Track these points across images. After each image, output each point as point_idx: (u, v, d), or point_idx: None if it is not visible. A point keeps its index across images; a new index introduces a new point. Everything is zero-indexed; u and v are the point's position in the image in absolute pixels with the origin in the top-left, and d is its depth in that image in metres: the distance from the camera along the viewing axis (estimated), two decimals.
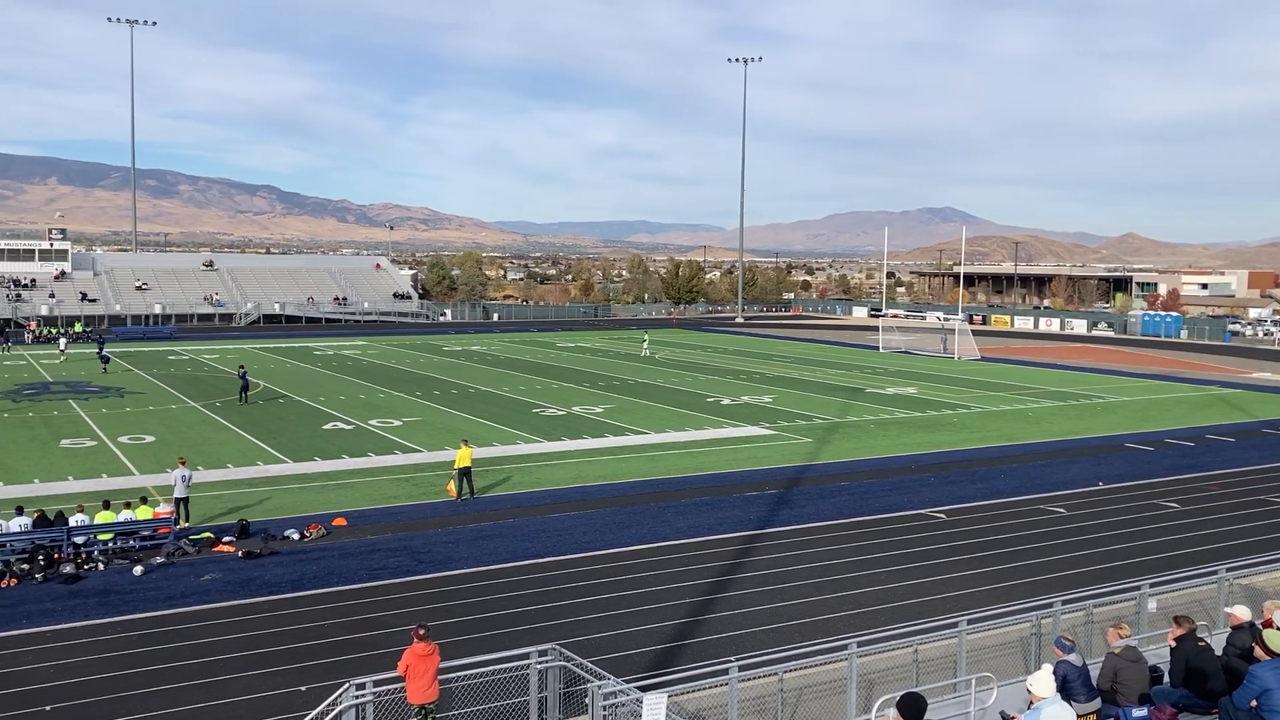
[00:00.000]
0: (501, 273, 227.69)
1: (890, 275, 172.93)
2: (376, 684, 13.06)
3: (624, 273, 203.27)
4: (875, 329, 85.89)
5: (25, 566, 21.43)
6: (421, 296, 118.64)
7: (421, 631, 13.44)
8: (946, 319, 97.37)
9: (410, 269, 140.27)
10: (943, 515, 27.39)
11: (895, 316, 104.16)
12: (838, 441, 38.62)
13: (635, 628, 18.79)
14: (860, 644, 14.05)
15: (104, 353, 59.51)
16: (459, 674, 13.57)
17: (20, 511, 23.23)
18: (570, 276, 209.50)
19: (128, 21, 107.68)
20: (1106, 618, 15.15)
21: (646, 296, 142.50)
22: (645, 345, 73.90)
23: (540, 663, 13.94)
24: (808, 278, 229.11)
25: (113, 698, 15.50)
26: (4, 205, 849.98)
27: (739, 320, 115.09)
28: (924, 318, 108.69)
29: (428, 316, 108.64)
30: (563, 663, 14.00)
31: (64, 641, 17.68)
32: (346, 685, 12.79)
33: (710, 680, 13.65)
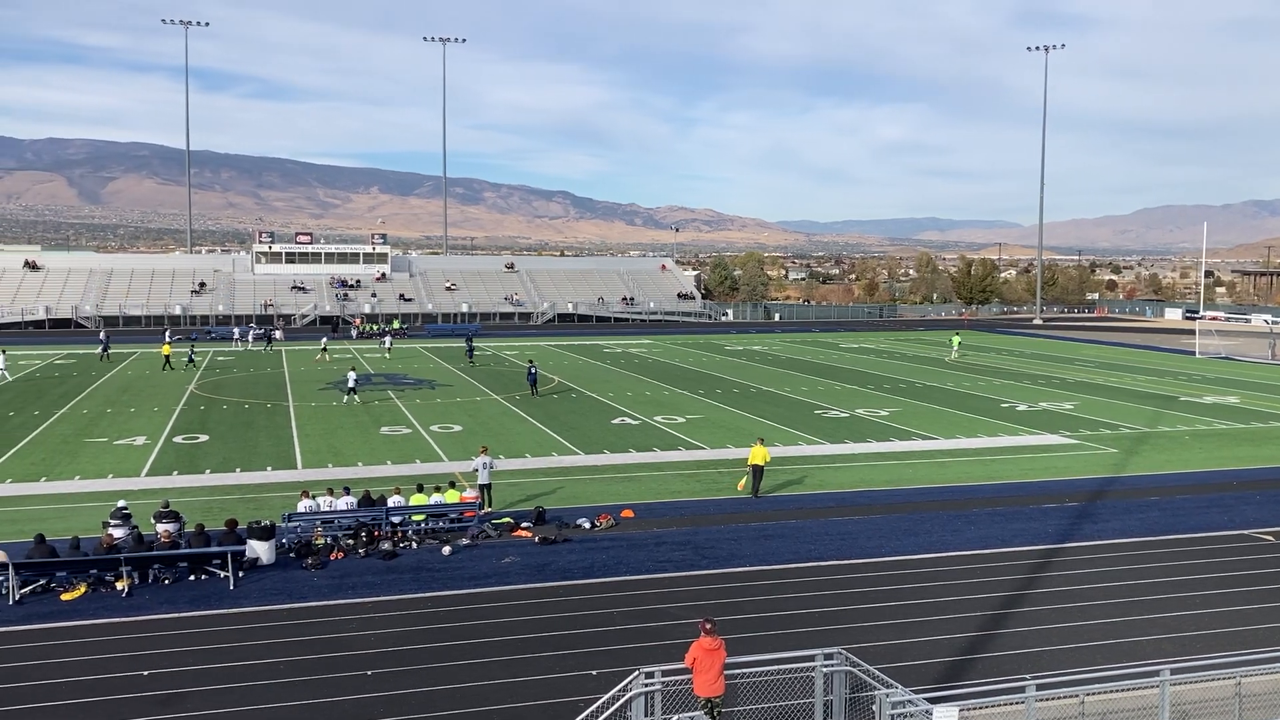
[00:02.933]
0: (783, 273, 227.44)
1: (1209, 274, 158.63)
2: (665, 674, 13.38)
3: (911, 272, 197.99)
4: (1191, 332, 79.05)
5: (350, 542, 23.54)
6: (704, 296, 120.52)
7: (708, 626, 13.64)
8: (1276, 322, 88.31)
9: (694, 270, 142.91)
10: (1270, 538, 24.83)
11: (1214, 319, 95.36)
12: (1147, 453, 35.86)
13: (923, 638, 18.23)
14: (1174, 670, 12.98)
15: (471, 346, 66.46)
16: (744, 670, 13.66)
17: (347, 491, 25.55)
18: (854, 276, 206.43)
19: (440, 40, 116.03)
20: None
21: (935, 296, 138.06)
22: (955, 347, 70.66)
23: (826, 666, 13.79)
24: (1113, 277, 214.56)
25: (425, 668, 16.73)
26: (333, 213, 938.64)
27: (1037, 322, 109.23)
28: (1249, 320, 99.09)
29: (710, 316, 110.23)
30: (849, 668, 13.79)
31: (383, 613, 19.27)
32: (636, 673, 13.17)
33: (1005, 698, 13.03)
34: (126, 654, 17.14)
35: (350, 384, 47.03)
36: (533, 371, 50.31)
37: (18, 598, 19.67)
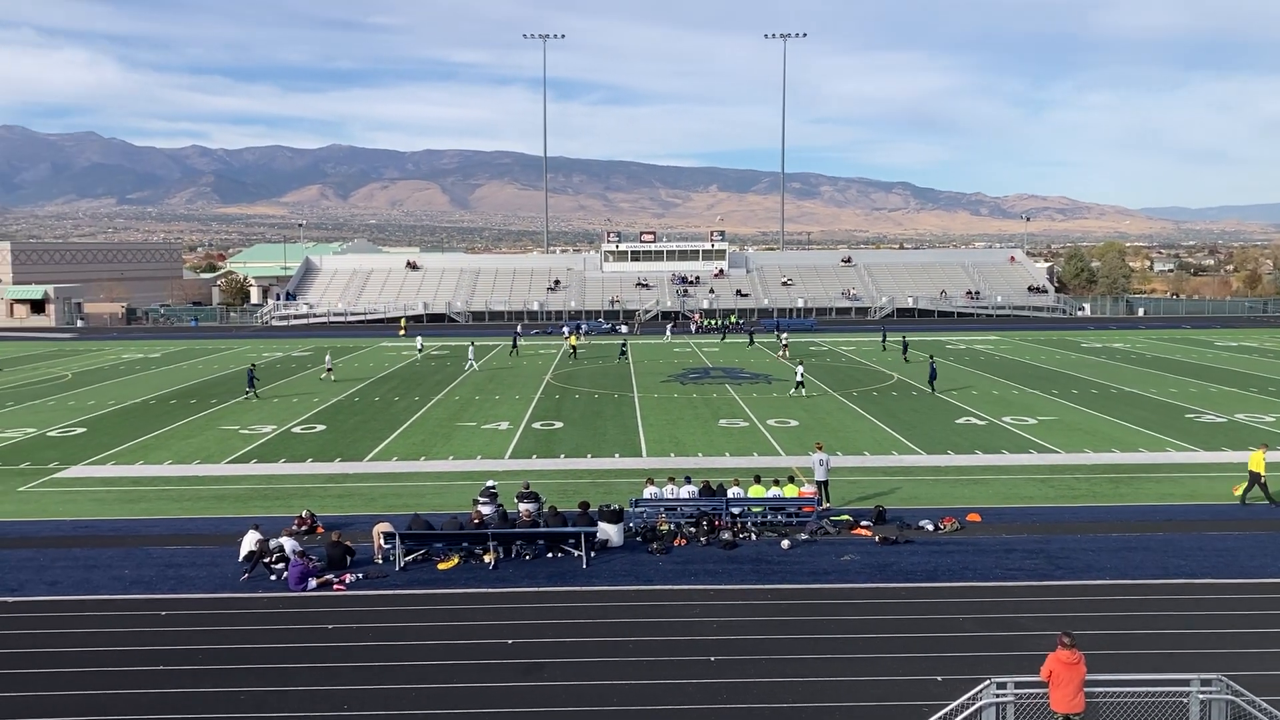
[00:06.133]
0: (1147, 264, 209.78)
1: None
2: (1018, 685, 12.73)
3: None
4: None
5: (692, 529, 24.22)
6: (1057, 290, 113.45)
7: (1066, 640, 12.82)
8: None
9: (1045, 261, 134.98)
10: None
11: None
12: None
13: None
14: None
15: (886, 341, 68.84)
16: (1106, 689, 12.73)
17: (688, 480, 26.34)
18: (1231, 267, 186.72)
19: (781, 36, 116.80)
20: None
21: None
22: None
23: (1203, 693, 12.57)
24: None
25: (766, 659, 16.90)
26: (673, 212, 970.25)
27: None
28: None
29: (1064, 311, 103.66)
30: (1230, 696, 12.50)
31: (724, 601, 19.67)
32: (987, 683, 12.62)
33: None
34: (492, 622, 18.58)
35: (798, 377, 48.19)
36: (933, 366, 49.57)
37: (403, 565, 21.88)
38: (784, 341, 66.83)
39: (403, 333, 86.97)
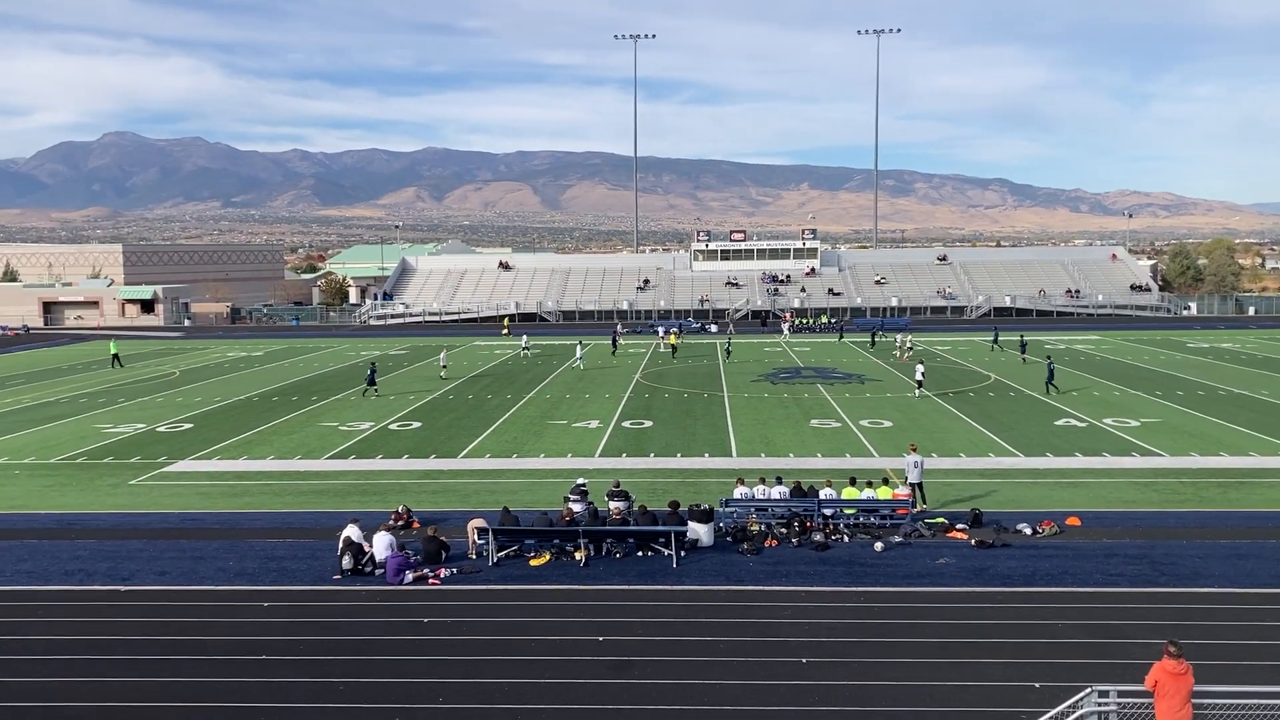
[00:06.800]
0: (1258, 261, 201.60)
1: None
2: (1121, 694, 12.37)
3: None
4: None
5: (783, 530, 24.05)
6: (1161, 288, 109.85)
7: (1172, 649, 12.39)
8: None
9: (1149, 259, 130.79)
10: None
11: None
12: None
13: None
14: None
15: (998, 341, 68.51)
16: (1217, 701, 12.29)
17: (779, 481, 26.15)
18: None
19: (875, 32, 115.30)
20: None
21: None
22: None
23: None
24: None
25: (858, 662, 16.70)
26: (764, 210, 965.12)
27: None
28: None
29: (1169, 310, 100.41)
30: None
31: (816, 603, 19.49)
32: (1089, 690, 12.29)
33: None
34: (582, 619, 18.70)
35: (918, 378, 47.69)
36: (1051, 366, 48.49)
37: (496, 560, 22.16)
38: (909, 345, 64.62)
39: (505, 332, 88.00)
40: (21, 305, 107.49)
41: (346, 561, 21.34)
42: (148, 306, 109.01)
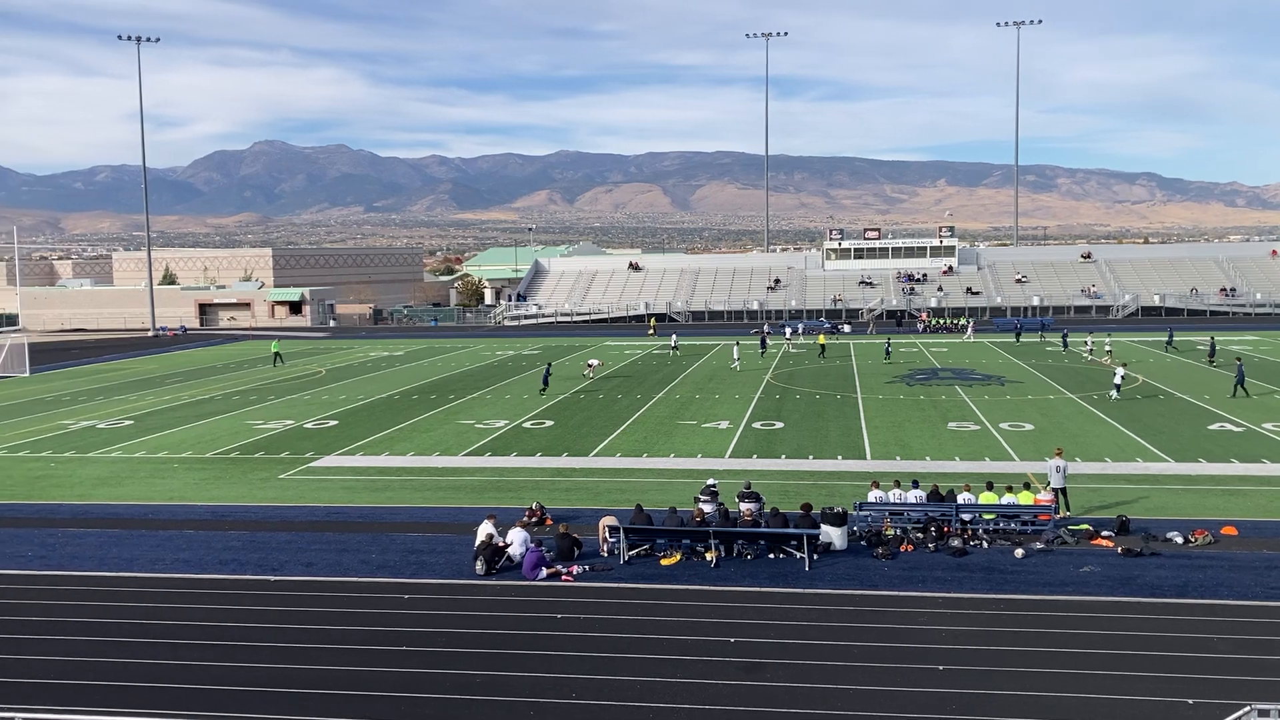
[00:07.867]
0: None
1: None
2: None
3: None
4: None
5: (919, 535, 23.57)
6: None
7: None
8: None
9: None
10: None
11: None
12: None
13: None
14: None
15: (1173, 341, 65.53)
16: None
17: (916, 485, 25.64)
18: None
19: (1014, 24, 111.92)
20: None
21: None
22: None
23: None
24: None
25: (998, 670, 16.23)
26: (899, 208, 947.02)
27: None
28: None
29: None
30: None
31: (953, 609, 19.04)
32: (1248, 709, 11.71)
33: None
34: (713, 620, 18.70)
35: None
36: (1240, 368, 46.44)
37: (627, 558, 22.35)
38: (1107, 346, 61.11)
39: (652, 332, 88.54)
40: (179, 307, 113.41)
41: (479, 567, 21.64)
42: (295, 308, 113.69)
